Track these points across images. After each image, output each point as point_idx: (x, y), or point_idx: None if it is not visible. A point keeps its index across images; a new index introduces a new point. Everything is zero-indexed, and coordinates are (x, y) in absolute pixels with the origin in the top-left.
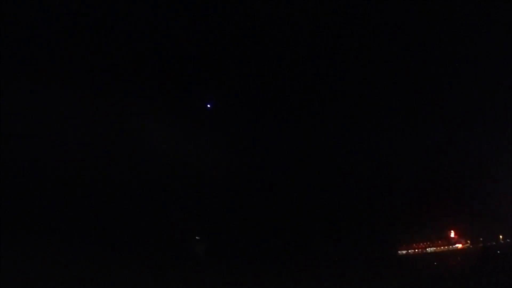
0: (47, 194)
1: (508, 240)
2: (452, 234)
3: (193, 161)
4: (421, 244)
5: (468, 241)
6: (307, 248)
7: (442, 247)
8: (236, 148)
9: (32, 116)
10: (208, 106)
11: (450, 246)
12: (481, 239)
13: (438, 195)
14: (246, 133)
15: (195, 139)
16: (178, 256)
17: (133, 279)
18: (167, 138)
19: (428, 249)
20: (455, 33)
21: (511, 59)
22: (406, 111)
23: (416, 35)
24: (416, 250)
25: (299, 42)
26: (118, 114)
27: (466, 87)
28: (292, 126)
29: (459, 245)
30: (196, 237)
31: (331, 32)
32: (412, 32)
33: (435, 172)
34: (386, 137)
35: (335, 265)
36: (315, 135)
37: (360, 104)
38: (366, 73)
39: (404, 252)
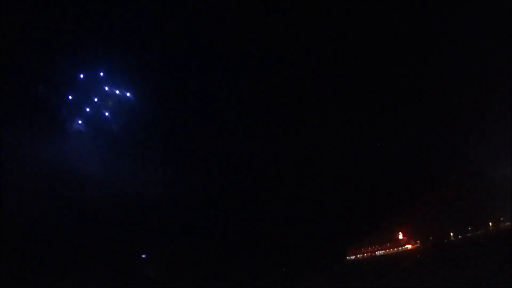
0: None
1: (460, 236)
2: (401, 236)
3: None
4: (370, 248)
5: (418, 242)
6: (254, 260)
7: (391, 249)
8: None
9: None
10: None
11: (400, 248)
12: (430, 238)
13: (383, 197)
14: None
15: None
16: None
17: None
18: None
19: (377, 253)
20: (455, 33)
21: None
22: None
23: (416, 35)
24: (365, 255)
25: (298, 42)
26: None
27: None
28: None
29: (409, 246)
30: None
31: (329, 31)
32: (412, 32)
33: (379, 174)
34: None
35: (283, 277)
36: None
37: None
38: (365, 73)
39: (352, 257)
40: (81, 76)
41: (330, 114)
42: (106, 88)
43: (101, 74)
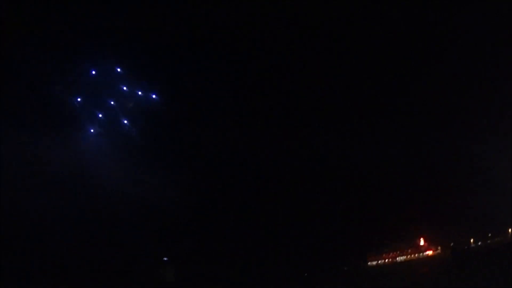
0: None
1: (480, 243)
2: (422, 242)
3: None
4: (391, 253)
5: (438, 248)
6: (275, 263)
7: (412, 255)
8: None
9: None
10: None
11: (420, 254)
12: (451, 244)
13: (405, 203)
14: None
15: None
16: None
17: None
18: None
19: (398, 259)
20: (454, 33)
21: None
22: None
23: (416, 35)
24: (386, 260)
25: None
26: None
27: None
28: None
29: (429, 252)
30: (164, 258)
31: (327, 31)
32: (411, 32)
33: (401, 180)
34: (348, 145)
35: (304, 280)
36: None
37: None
38: (364, 74)
39: (374, 263)
40: (95, 73)
41: (353, 119)
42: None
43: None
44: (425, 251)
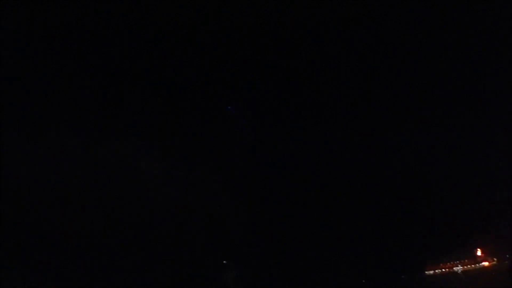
0: None
1: None
2: (479, 253)
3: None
4: (448, 263)
5: (495, 259)
6: (333, 271)
7: (469, 266)
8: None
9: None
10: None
11: (477, 265)
12: (507, 256)
13: (465, 214)
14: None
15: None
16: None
17: None
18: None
19: (455, 268)
20: (454, 32)
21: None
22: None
23: (416, 35)
24: (443, 270)
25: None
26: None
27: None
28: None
29: (486, 263)
30: (224, 262)
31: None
32: (411, 32)
33: (461, 191)
34: (413, 156)
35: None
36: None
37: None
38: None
39: (431, 272)
40: None
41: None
42: None
43: None
44: (482, 261)
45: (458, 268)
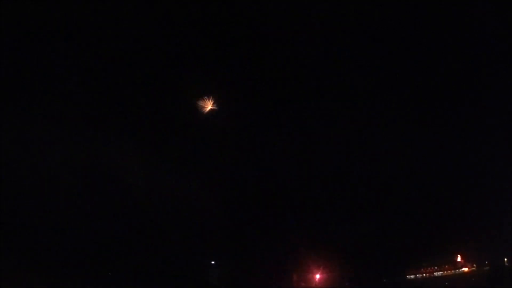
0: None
1: None
2: (459, 259)
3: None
4: (429, 268)
5: (474, 265)
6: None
7: (449, 271)
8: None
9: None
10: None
11: (457, 270)
12: (486, 262)
13: (446, 221)
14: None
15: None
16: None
17: None
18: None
19: (436, 273)
20: (454, 32)
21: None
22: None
23: (416, 35)
24: (424, 275)
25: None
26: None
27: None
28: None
29: (465, 269)
30: (212, 262)
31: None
32: (411, 32)
33: (442, 198)
34: (391, 160)
35: None
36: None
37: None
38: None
39: (412, 276)
40: None
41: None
42: None
43: None
44: (461, 267)
45: (438, 273)
